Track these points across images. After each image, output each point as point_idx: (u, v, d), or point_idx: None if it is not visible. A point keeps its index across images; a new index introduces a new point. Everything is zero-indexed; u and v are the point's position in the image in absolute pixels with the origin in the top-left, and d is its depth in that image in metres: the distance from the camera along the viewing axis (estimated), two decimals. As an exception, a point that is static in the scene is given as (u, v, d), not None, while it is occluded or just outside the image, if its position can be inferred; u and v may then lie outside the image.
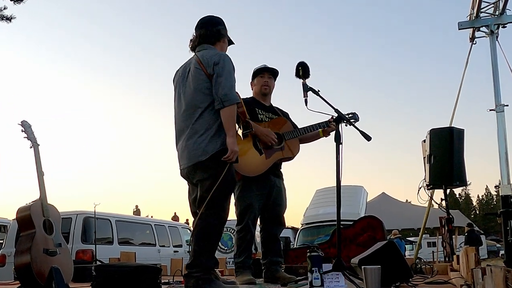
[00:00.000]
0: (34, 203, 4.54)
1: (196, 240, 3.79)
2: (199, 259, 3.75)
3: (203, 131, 3.83)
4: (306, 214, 13.65)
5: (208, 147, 3.80)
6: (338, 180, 4.19)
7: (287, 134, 4.86)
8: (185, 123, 3.96)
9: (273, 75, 5.03)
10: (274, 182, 4.83)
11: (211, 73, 3.84)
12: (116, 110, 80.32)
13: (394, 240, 16.47)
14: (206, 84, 3.86)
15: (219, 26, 4.19)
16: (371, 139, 4.26)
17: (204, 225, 3.77)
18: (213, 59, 3.86)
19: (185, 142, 3.93)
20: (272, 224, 4.87)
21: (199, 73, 3.90)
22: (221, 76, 3.79)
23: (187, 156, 3.91)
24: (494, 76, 8.78)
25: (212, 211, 3.76)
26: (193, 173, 3.92)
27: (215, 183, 3.74)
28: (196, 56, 4.03)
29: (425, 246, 23.28)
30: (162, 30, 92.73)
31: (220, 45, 4.16)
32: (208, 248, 3.80)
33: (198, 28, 4.18)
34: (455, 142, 7.02)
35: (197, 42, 4.14)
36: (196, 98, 3.91)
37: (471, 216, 71.02)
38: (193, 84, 3.94)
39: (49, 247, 4.42)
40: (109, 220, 10.20)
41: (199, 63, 3.92)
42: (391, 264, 3.79)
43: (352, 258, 4.41)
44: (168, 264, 7.20)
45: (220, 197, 3.78)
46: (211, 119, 3.85)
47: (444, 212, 7.40)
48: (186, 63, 4.18)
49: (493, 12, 9.26)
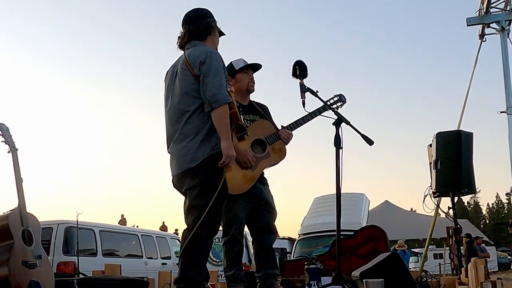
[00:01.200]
0: (12, 212, 4.54)
1: (185, 253, 3.76)
2: (187, 273, 3.73)
3: (193, 136, 3.81)
4: (304, 223, 13.65)
5: (198, 153, 3.78)
6: (338, 187, 4.20)
7: (270, 138, 4.79)
8: (174, 128, 3.95)
9: (252, 68, 4.95)
10: (260, 190, 4.82)
11: (197, 74, 3.81)
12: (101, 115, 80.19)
13: (398, 251, 16.52)
14: (194, 86, 3.84)
15: (207, 18, 4.13)
16: (373, 143, 4.27)
17: (193, 236, 3.74)
18: (199, 58, 3.83)
19: (174, 148, 3.92)
20: (264, 234, 4.86)
21: (186, 74, 3.88)
22: (208, 75, 3.76)
23: (176, 163, 3.90)
24: (505, 76, 8.84)
25: (202, 221, 3.73)
26: (182, 181, 3.90)
27: (204, 191, 3.74)
28: (183, 55, 4.01)
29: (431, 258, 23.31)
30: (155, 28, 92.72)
31: (211, 39, 4.12)
32: (198, 262, 3.77)
33: (185, 23, 4.12)
34: (463, 146, 7.06)
35: (186, 39, 4.09)
36: (183, 101, 3.89)
37: (480, 226, 71.07)
38: (180, 86, 3.92)
39: (28, 259, 4.42)
40: (93, 230, 10.19)
41: (186, 63, 3.90)
42: (395, 277, 3.81)
43: (353, 271, 4.43)
44: (156, 277, 7.17)
45: (210, 206, 3.74)
46: (201, 123, 3.82)
47: (452, 221, 7.43)
48: (175, 63, 4.15)
49: (504, 7, 9.32)
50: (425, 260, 10.05)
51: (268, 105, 5.11)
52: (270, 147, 4.77)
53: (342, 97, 4.86)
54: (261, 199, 4.81)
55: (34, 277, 4.05)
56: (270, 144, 4.77)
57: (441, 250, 19.18)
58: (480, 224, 76.86)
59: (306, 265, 4.20)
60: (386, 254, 4.23)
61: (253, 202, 4.76)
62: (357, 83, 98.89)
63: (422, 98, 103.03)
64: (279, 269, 5.37)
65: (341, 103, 4.85)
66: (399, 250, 16.62)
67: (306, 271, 4.01)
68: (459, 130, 7.65)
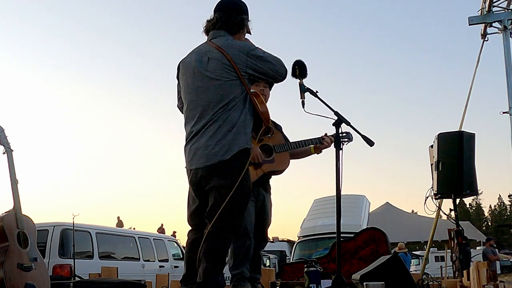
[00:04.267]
0: (7, 214, 4.54)
1: (209, 256, 3.63)
2: (212, 277, 3.62)
3: (227, 129, 3.72)
4: (303, 226, 13.66)
5: (232, 145, 3.70)
6: (338, 188, 4.20)
7: (278, 147, 4.91)
8: (201, 120, 3.81)
9: (269, 84, 4.96)
10: (263, 195, 4.87)
11: (241, 67, 3.77)
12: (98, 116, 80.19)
13: (399, 254, 16.51)
14: (231, 77, 3.77)
15: (243, 15, 4.06)
16: (373, 144, 4.27)
17: (219, 238, 3.64)
18: (244, 50, 3.82)
19: (202, 139, 3.78)
20: (257, 240, 4.86)
21: (226, 66, 3.78)
22: (266, 57, 3.84)
23: (204, 154, 3.75)
24: (507, 76, 8.86)
25: (228, 224, 3.66)
26: (209, 176, 3.76)
27: (234, 192, 3.61)
28: (215, 45, 3.88)
29: (433, 261, 23.39)
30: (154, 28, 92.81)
31: (239, 36, 4.04)
32: (221, 265, 3.69)
33: (220, 11, 4.03)
34: (465, 147, 7.06)
35: (217, 26, 3.99)
36: (216, 92, 3.78)
37: (482, 228, 71.22)
38: (214, 76, 3.80)
39: (23, 261, 4.42)
40: (89, 232, 10.17)
41: (223, 54, 3.79)
42: (396, 280, 3.81)
43: (353, 274, 4.43)
44: (153, 280, 7.18)
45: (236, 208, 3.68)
46: (236, 115, 3.76)
47: (453, 223, 7.43)
48: (200, 52, 3.97)
49: (507, 6, 9.34)
50: (426, 263, 10.08)
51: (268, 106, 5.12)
52: (276, 155, 4.88)
53: (349, 135, 4.82)
54: (262, 204, 4.85)
55: (29, 280, 4.05)
56: (277, 152, 4.89)
57: (443, 252, 19.22)
58: (482, 226, 77.00)
59: (305, 268, 4.20)
60: (387, 257, 4.23)
61: (255, 205, 4.77)
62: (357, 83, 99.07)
63: (423, 99, 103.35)
64: (279, 271, 5.36)
65: (347, 140, 4.80)
66: (401, 253, 16.63)
67: (306, 274, 4.01)
68: (461, 131, 7.67)
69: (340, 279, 3.98)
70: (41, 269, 4.59)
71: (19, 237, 4.50)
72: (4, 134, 4.70)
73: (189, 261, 4.02)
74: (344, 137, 4.72)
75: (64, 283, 5.59)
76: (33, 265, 4.48)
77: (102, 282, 4.48)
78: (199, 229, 3.89)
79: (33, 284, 3.90)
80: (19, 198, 4.61)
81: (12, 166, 4.66)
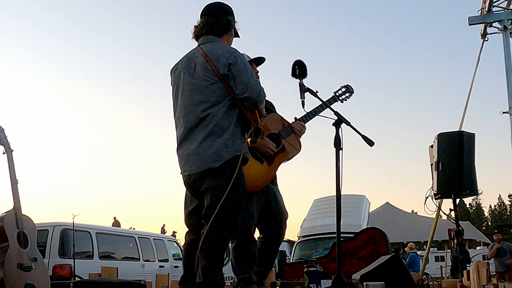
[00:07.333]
0: (7, 214, 4.54)
1: (207, 256, 3.68)
2: (211, 277, 3.66)
3: (217, 135, 3.76)
4: (303, 225, 13.65)
5: (222, 152, 3.74)
6: (338, 188, 4.20)
7: (284, 132, 4.75)
8: (191, 126, 3.85)
9: (255, 63, 4.90)
10: (272, 190, 4.79)
11: (223, 73, 3.77)
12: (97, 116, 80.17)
13: (410, 254, 16.53)
14: (216, 84, 3.79)
15: (229, 16, 4.10)
16: (373, 144, 4.26)
17: (216, 238, 3.68)
18: (225, 57, 3.80)
19: (193, 145, 3.82)
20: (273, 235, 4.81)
21: (208, 71, 3.82)
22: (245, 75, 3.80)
23: (195, 160, 3.80)
24: (507, 76, 8.86)
25: (225, 223, 3.70)
26: (202, 180, 3.81)
27: (227, 192, 3.66)
28: (202, 51, 3.92)
29: (433, 261, 23.33)
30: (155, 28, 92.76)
31: (227, 38, 4.09)
32: (220, 265, 3.73)
33: (206, 15, 4.07)
34: (465, 147, 7.06)
35: (203, 31, 4.05)
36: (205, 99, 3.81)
37: (482, 228, 71.07)
38: (201, 83, 3.84)
39: (23, 261, 4.42)
40: (89, 232, 10.17)
41: (207, 60, 3.83)
42: (396, 280, 3.81)
43: (353, 274, 4.43)
44: (153, 280, 7.18)
45: (233, 207, 3.73)
46: (226, 122, 3.79)
47: (453, 223, 7.44)
48: (189, 57, 4.04)
49: (507, 6, 9.34)
50: (426, 263, 10.08)
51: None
52: (284, 141, 4.72)
53: (349, 88, 4.88)
54: (274, 200, 4.79)
55: (29, 280, 4.05)
56: (285, 138, 4.73)
57: (443, 252, 19.22)
58: (482, 226, 76.92)
59: (305, 268, 4.19)
60: (387, 257, 4.23)
61: (264, 200, 4.73)
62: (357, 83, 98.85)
63: (423, 99, 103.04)
64: (279, 271, 5.36)
65: (349, 94, 4.87)
66: (412, 253, 16.58)
67: (306, 274, 4.00)
68: (461, 131, 7.67)
69: (340, 279, 3.98)
70: (41, 269, 4.59)
71: (19, 237, 4.50)
72: (4, 134, 4.70)
73: (187, 262, 4.05)
74: (344, 92, 4.77)
75: (64, 283, 5.58)
76: (33, 265, 4.48)
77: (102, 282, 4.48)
78: (196, 229, 3.95)
79: (33, 284, 3.90)
80: (19, 198, 4.61)
81: (12, 166, 4.66)
